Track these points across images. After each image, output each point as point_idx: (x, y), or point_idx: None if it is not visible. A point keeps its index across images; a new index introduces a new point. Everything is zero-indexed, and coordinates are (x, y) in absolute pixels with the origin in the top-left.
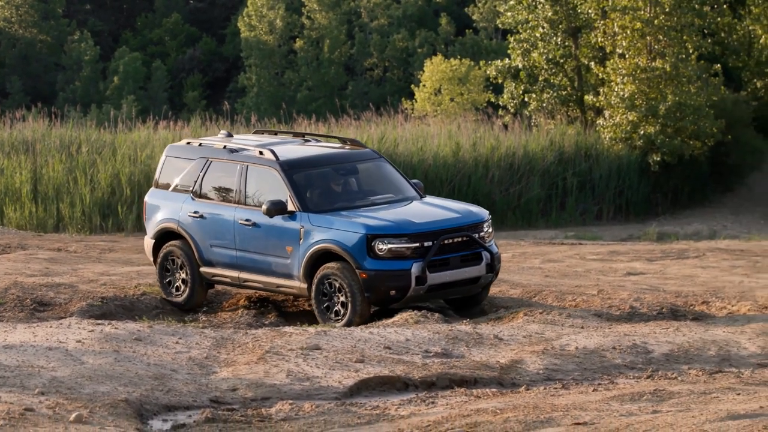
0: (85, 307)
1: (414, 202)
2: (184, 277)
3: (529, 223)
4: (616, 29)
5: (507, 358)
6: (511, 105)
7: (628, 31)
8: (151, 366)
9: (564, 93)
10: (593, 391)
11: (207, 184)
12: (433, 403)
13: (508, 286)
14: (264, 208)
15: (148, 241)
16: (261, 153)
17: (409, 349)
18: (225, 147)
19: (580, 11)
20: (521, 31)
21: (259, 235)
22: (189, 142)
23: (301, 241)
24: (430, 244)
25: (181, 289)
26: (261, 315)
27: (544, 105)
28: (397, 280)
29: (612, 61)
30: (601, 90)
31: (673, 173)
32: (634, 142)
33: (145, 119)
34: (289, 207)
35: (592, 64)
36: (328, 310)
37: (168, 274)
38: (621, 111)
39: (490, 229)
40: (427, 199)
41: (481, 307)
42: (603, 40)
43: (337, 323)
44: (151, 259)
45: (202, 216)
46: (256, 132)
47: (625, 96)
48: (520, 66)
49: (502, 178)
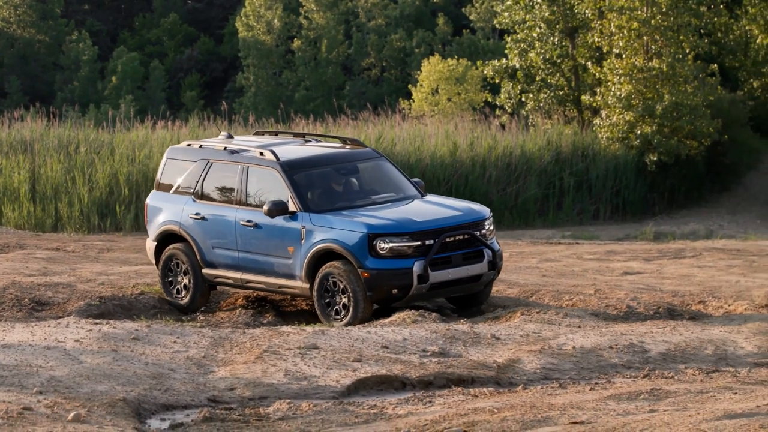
0: (83, 307)
1: (415, 201)
2: (186, 280)
3: (526, 223)
4: (613, 29)
5: (504, 358)
6: (508, 105)
7: (625, 31)
8: (149, 365)
9: (561, 93)
10: (590, 390)
11: (208, 186)
12: (430, 402)
13: (505, 286)
14: (265, 209)
15: (150, 244)
16: (261, 154)
17: (406, 348)
18: (226, 148)
19: (577, 11)
20: (518, 31)
21: (261, 236)
22: (190, 144)
23: (302, 241)
24: (432, 242)
25: (183, 292)
26: (259, 314)
27: (541, 105)
28: (399, 278)
29: (609, 61)
30: (597, 90)
31: (669, 173)
32: (631, 142)
33: (143, 119)
34: (290, 207)
35: (589, 64)
36: (330, 310)
37: (170, 277)
38: (618, 111)
39: (492, 227)
40: (429, 197)
41: (479, 307)
42: (600, 40)
43: (339, 322)
44: (153, 261)
45: (203, 217)
46: (256, 133)
47: (622, 96)
48: (517, 66)
49: (499, 177)
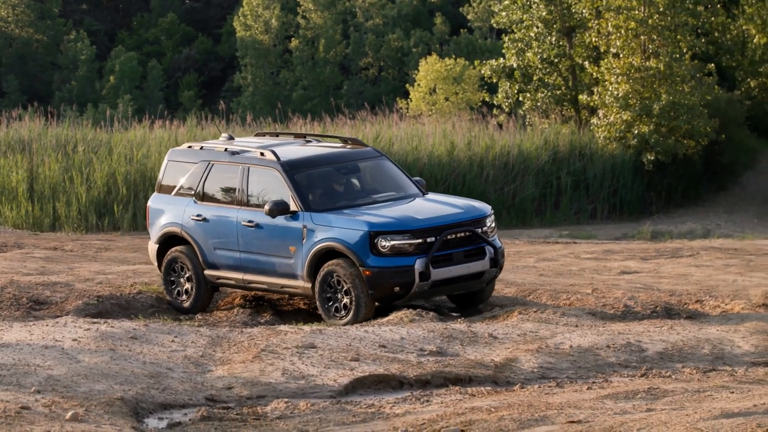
0: (81, 306)
1: (416, 199)
2: (188, 282)
3: (523, 222)
4: (610, 29)
5: (502, 357)
6: (506, 104)
7: (622, 31)
8: (146, 364)
9: (558, 92)
10: (587, 389)
11: (209, 187)
12: (427, 401)
13: (502, 285)
14: (266, 209)
15: (152, 246)
16: (262, 154)
17: (404, 347)
18: (226, 149)
19: (574, 11)
20: (516, 30)
21: (262, 236)
22: (191, 146)
23: (304, 241)
24: (433, 239)
25: (186, 294)
26: (256, 314)
27: (539, 104)
28: (400, 276)
29: (606, 60)
30: (595, 89)
31: (667, 172)
32: (628, 142)
33: (141, 118)
34: (292, 207)
35: (587, 63)
36: (333, 309)
37: (173, 279)
38: (615, 110)
39: (493, 224)
40: (430, 195)
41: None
42: (597, 39)
43: (342, 321)
44: (155, 264)
45: (205, 219)
46: (257, 134)
47: (619, 95)
48: (515, 65)
49: (497, 177)
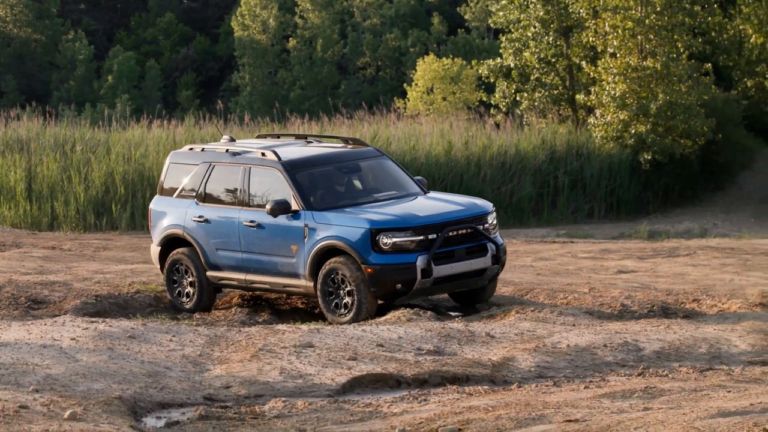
0: (79, 305)
1: (418, 198)
2: (191, 283)
3: (520, 222)
4: (608, 29)
5: (499, 356)
6: (503, 104)
7: (619, 31)
8: (144, 364)
9: (555, 92)
10: (584, 388)
11: (211, 188)
12: (425, 400)
13: (500, 284)
14: (268, 208)
15: (154, 249)
16: (263, 154)
17: (401, 346)
18: (228, 151)
19: (571, 11)
20: (513, 30)
21: (264, 236)
22: (192, 148)
23: (305, 240)
24: (435, 236)
25: (189, 296)
26: (254, 313)
27: (536, 104)
28: (402, 273)
29: (603, 60)
30: (592, 89)
31: (664, 172)
32: (625, 141)
33: (139, 118)
34: (293, 206)
35: (584, 63)
36: (335, 306)
37: (176, 281)
38: (612, 110)
39: (495, 221)
40: (431, 194)
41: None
42: (594, 39)
43: (344, 318)
44: (157, 266)
45: (206, 220)
46: (258, 136)
47: (617, 95)
48: (512, 65)
49: (494, 176)
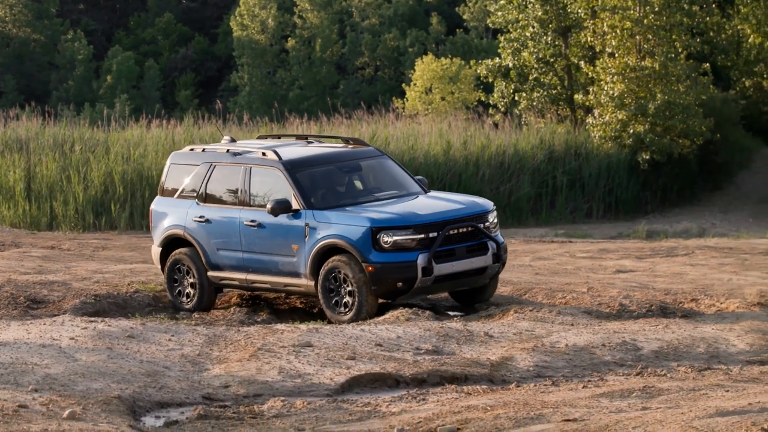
0: (78, 305)
1: (419, 197)
2: (192, 284)
3: (519, 221)
4: (606, 29)
5: (497, 355)
6: (502, 104)
7: (618, 31)
8: (143, 363)
9: (554, 92)
10: (583, 387)
11: (212, 188)
12: (423, 399)
13: (498, 284)
14: (268, 207)
15: (155, 249)
16: (264, 154)
17: (400, 346)
18: (228, 151)
19: (570, 11)
20: (511, 30)
21: (265, 235)
22: (193, 149)
23: (306, 239)
24: (435, 234)
25: (190, 296)
26: (253, 312)
27: (535, 104)
28: (403, 271)
29: (602, 60)
30: (590, 89)
31: (662, 172)
32: (624, 141)
33: (138, 118)
34: (294, 205)
35: (582, 63)
36: (336, 305)
37: (176, 282)
38: (610, 110)
39: (496, 220)
40: (432, 193)
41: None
42: (593, 39)
43: (345, 317)
44: (159, 267)
45: (207, 220)
46: (259, 137)
47: (615, 95)
48: (511, 65)
49: (493, 176)
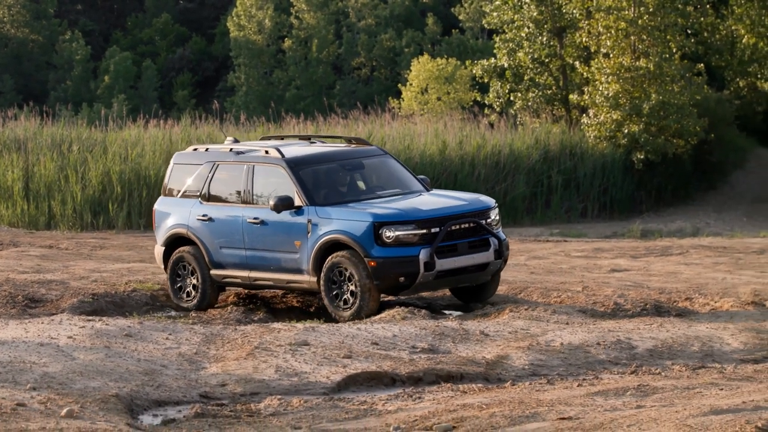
0: (76, 304)
1: (421, 194)
2: (194, 282)
3: (514, 221)
4: (601, 29)
5: (493, 354)
6: (497, 104)
7: (613, 31)
8: (141, 362)
9: (549, 92)
10: (578, 386)
11: (215, 187)
12: (419, 398)
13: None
14: (271, 204)
15: (158, 249)
16: (267, 152)
17: (396, 344)
18: (231, 150)
19: (565, 11)
20: (507, 30)
21: (268, 232)
22: (196, 149)
23: (309, 235)
24: (437, 230)
25: (192, 294)
26: (250, 311)
27: (530, 104)
28: (405, 266)
29: (596, 60)
30: (585, 89)
31: (656, 171)
32: (619, 141)
33: (135, 118)
34: (296, 202)
35: (577, 63)
36: (338, 300)
37: (179, 280)
38: (605, 110)
39: (498, 217)
40: (434, 191)
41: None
42: (588, 39)
43: (347, 312)
44: (161, 266)
45: (210, 219)
46: (263, 138)
47: (610, 95)
48: (506, 65)
49: (488, 176)
